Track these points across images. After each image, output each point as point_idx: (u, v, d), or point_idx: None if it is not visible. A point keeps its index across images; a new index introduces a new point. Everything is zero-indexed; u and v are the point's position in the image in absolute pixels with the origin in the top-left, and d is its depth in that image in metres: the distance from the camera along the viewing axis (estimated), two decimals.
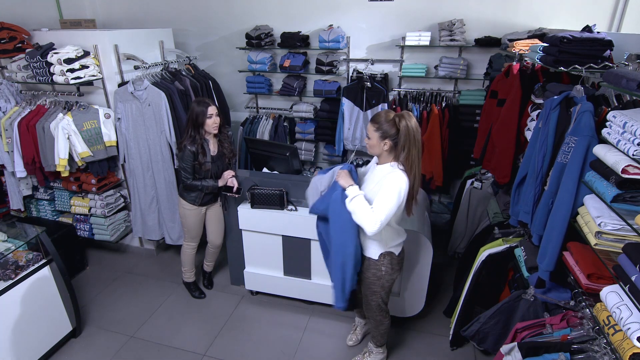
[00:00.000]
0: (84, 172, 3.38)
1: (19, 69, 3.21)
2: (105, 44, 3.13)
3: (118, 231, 3.64)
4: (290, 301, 3.14)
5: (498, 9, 3.53)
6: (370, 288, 2.22)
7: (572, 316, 1.78)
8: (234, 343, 2.77)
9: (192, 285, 3.23)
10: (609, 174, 1.52)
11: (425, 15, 3.68)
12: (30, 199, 3.72)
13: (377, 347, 2.52)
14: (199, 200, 2.86)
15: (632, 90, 1.49)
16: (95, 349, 2.73)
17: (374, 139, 1.96)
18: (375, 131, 1.94)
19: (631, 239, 1.47)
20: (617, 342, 1.37)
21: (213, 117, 2.68)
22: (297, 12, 3.98)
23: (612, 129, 1.57)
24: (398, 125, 1.90)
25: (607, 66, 1.94)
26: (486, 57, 3.60)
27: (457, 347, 2.67)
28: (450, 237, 3.64)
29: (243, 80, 4.27)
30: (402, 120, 1.89)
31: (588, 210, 1.64)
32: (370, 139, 1.98)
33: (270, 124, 4.15)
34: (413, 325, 2.88)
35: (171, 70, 3.49)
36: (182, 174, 2.73)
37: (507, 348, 1.81)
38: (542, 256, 1.89)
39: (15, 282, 2.37)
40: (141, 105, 3.14)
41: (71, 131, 3.04)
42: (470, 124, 3.68)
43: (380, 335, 2.46)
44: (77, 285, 3.33)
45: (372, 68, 3.90)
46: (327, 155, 4.29)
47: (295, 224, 2.80)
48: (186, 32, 4.33)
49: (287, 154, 3.02)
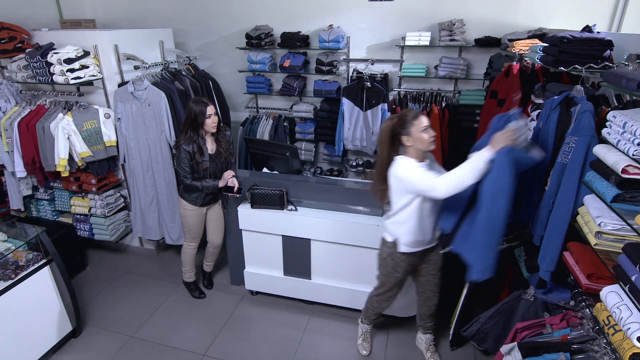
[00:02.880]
0: (84, 172, 3.38)
1: (19, 69, 3.21)
2: (105, 44, 3.13)
3: (118, 231, 3.64)
4: (290, 301, 3.14)
5: (498, 9, 3.53)
6: (378, 261, 2.35)
7: (572, 316, 1.78)
8: (234, 343, 2.77)
9: (192, 285, 3.23)
10: (609, 174, 1.52)
11: (425, 15, 3.68)
12: (30, 199, 3.72)
13: (362, 324, 2.65)
14: (199, 201, 2.86)
15: (632, 90, 1.49)
16: (95, 349, 2.73)
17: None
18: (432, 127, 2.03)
19: (631, 239, 1.47)
20: (617, 342, 1.37)
21: (212, 116, 2.68)
22: (297, 12, 3.98)
23: (612, 129, 1.57)
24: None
25: (607, 66, 1.94)
26: (486, 57, 3.60)
27: (457, 347, 2.67)
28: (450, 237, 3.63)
29: (243, 80, 4.27)
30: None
31: (588, 210, 1.64)
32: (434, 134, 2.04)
33: (270, 124, 4.15)
34: (413, 325, 2.87)
35: (171, 70, 3.49)
36: (180, 174, 2.72)
37: (507, 348, 1.81)
38: (543, 256, 1.90)
39: (15, 282, 2.37)
40: (141, 105, 3.14)
41: (71, 131, 3.04)
42: (470, 124, 3.68)
43: (367, 310, 2.56)
44: (77, 285, 3.33)
45: (372, 68, 3.90)
46: (327, 155, 4.29)
47: (295, 224, 2.80)
48: (186, 32, 4.33)
49: (287, 154, 3.02)
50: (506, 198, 1.80)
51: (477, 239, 1.92)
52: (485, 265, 1.92)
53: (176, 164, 2.74)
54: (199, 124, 2.66)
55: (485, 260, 1.91)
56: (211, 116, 2.67)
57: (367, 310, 2.58)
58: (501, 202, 1.81)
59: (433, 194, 1.91)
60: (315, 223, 2.74)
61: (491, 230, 1.87)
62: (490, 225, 1.86)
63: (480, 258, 1.92)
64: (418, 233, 2.12)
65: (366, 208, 2.74)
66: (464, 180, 1.83)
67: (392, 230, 2.19)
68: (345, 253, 2.78)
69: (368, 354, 2.65)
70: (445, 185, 1.85)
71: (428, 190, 1.92)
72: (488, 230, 1.88)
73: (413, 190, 2.00)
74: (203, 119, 2.65)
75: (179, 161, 2.70)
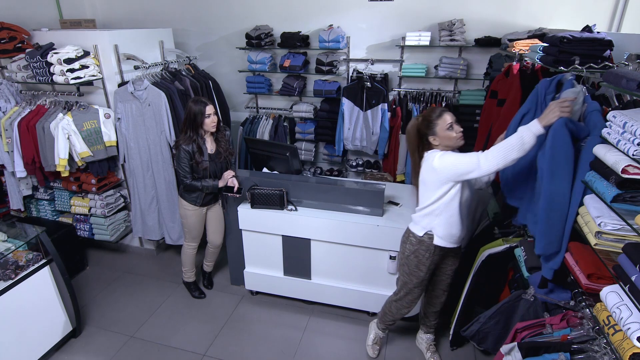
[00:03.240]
0: (84, 172, 3.38)
1: (19, 69, 3.21)
2: (105, 44, 3.13)
3: (118, 231, 3.64)
4: (290, 301, 3.14)
5: (498, 9, 3.53)
6: (399, 261, 2.32)
7: (572, 316, 1.78)
8: (234, 343, 2.77)
9: (192, 285, 3.23)
10: (609, 174, 1.52)
11: (425, 15, 3.68)
12: (30, 199, 3.72)
13: (377, 328, 2.58)
14: (200, 201, 2.86)
15: (632, 90, 1.49)
16: (95, 349, 2.73)
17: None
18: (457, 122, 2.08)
19: (631, 239, 1.47)
20: (617, 342, 1.36)
21: (211, 116, 2.68)
22: (297, 12, 3.98)
23: (612, 128, 1.57)
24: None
25: (607, 66, 1.93)
26: (486, 57, 3.60)
27: (457, 347, 2.67)
28: None
29: (243, 80, 4.27)
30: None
31: (588, 210, 1.64)
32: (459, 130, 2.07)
33: (270, 124, 4.15)
34: (413, 325, 2.88)
35: (171, 70, 3.49)
36: (180, 174, 2.72)
37: (507, 348, 1.81)
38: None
39: (15, 282, 2.37)
40: (141, 105, 3.14)
41: (71, 131, 3.04)
42: (470, 124, 3.67)
43: (384, 314, 2.48)
44: (77, 285, 3.33)
45: (372, 68, 3.90)
46: (327, 155, 4.29)
47: (295, 224, 2.80)
48: (186, 32, 4.33)
49: (287, 154, 3.02)
50: (566, 173, 1.70)
51: (541, 214, 1.80)
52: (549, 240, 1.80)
53: (176, 164, 2.75)
54: (198, 123, 2.66)
55: (549, 235, 1.79)
56: (210, 116, 2.67)
57: (384, 315, 2.51)
58: (560, 177, 1.71)
59: (477, 172, 1.85)
60: (315, 223, 2.74)
61: (552, 207, 1.76)
62: (552, 203, 1.75)
63: (544, 232, 1.81)
64: (454, 225, 2.09)
65: (366, 208, 2.74)
66: (509, 154, 1.75)
67: (426, 222, 2.13)
68: (345, 253, 2.78)
69: (375, 358, 2.62)
70: (489, 161, 1.79)
71: (471, 170, 1.86)
72: (549, 208, 1.77)
73: (453, 177, 1.95)
74: (202, 118, 2.65)
75: (178, 161, 2.70)
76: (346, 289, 2.87)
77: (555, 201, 1.75)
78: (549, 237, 1.80)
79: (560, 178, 1.72)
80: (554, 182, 1.73)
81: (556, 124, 1.70)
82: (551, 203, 1.75)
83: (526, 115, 2.10)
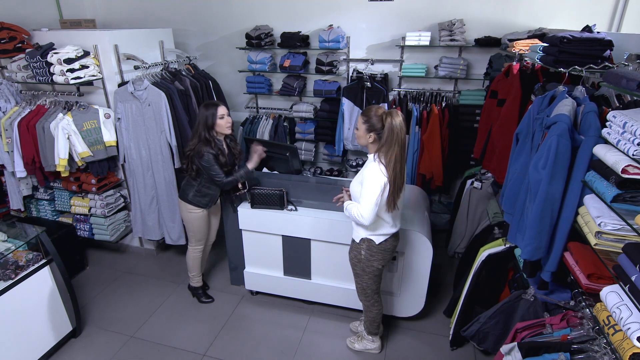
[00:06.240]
0: (84, 172, 3.38)
1: (19, 69, 3.21)
2: (105, 44, 3.13)
3: (118, 231, 3.64)
4: (290, 301, 3.14)
5: (498, 9, 3.53)
6: (353, 269, 2.42)
7: (572, 316, 1.78)
8: (234, 343, 2.77)
9: (200, 290, 3.20)
10: (609, 174, 1.52)
11: (425, 15, 3.68)
12: (30, 199, 3.72)
13: (367, 335, 2.64)
14: (212, 203, 2.84)
15: (632, 90, 1.49)
16: (95, 349, 2.73)
17: (361, 131, 2.13)
18: (363, 123, 2.10)
19: (631, 239, 1.47)
20: (617, 342, 1.37)
21: (225, 117, 2.65)
22: (297, 12, 3.98)
23: (612, 129, 1.57)
24: (384, 121, 2.04)
25: (607, 66, 1.93)
26: (486, 57, 3.61)
27: (457, 347, 2.67)
28: (450, 237, 3.64)
29: (243, 80, 4.27)
30: (388, 118, 2.03)
31: (588, 210, 1.64)
32: (358, 130, 2.14)
33: (270, 124, 4.15)
34: (413, 325, 2.88)
35: (171, 70, 3.49)
36: (215, 178, 2.65)
37: (507, 348, 1.81)
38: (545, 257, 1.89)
39: (15, 282, 2.37)
40: (141, 105, 3.14)
41: (71, 131, 3.04)
42: (470, 124, 3.68)
43: (369, 323, 2.57)
44: (77, 285, 3.33)
45: (372, 68, 3.90)
46: (327, 155, 4.29)
47: (295, 224, 2.80)
48: (186, 32, 4.33)
49: (287, 154, 3.02)
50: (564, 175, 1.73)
51: (533, 217, 1.82)
52: (537, 245, 1.84)
53: (206, 172, 2.66)
54: (210, 126, 2.62)
55: (538, 240, 1.83)
56: (224, 117, 2.65)
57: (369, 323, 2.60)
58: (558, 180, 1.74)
59: None
60: (315, 223, 2.74)
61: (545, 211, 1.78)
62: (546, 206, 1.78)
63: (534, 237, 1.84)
64: None
65: None
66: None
67: None
68: (346, 253, 2.77)
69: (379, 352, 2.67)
70: None
71: None
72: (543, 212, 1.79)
73: None
74: (214, 119, 2.62)
75: (209, 167, 2.61)
76: (346, 289, 2.87)
77: (550, 203, 1.77)
78: (538, 241, 1.84)
79: (557, 181, 1.75)
80: (552, 185, 1.75)
81: (560, 129, 1.71)
82: (545, 206, 1.78)
83: (519, 135, 2.14)
